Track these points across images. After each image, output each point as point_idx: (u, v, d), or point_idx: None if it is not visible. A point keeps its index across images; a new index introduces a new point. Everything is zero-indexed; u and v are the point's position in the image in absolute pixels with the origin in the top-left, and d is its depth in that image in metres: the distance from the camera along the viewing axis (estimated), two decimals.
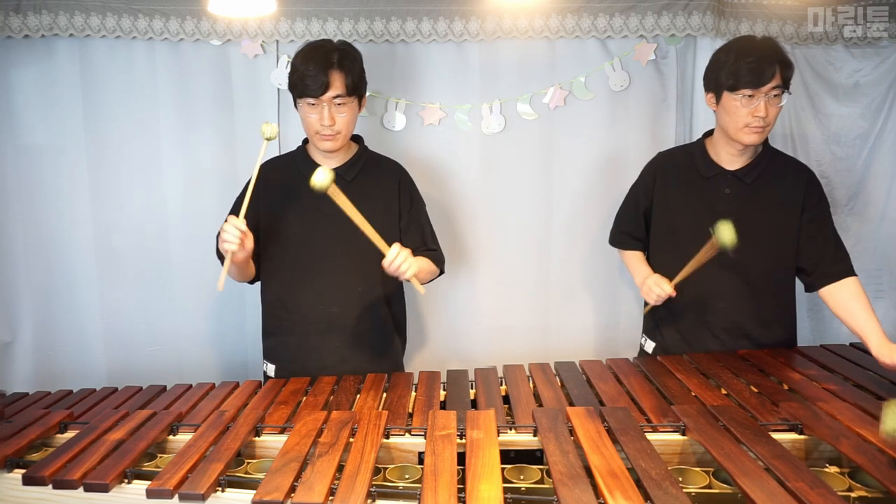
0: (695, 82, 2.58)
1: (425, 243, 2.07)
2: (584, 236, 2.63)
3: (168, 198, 2.56)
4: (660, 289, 1.96)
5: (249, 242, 1.82)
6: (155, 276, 2.60)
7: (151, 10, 2.40)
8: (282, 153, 2.22)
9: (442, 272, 2.12)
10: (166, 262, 2.60)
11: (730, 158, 1.99)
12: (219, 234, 1.82)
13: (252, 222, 1.99)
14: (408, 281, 1.88)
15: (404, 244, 1.99)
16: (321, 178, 1.70)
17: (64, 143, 2.51)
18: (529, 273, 2.67)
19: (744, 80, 1.83)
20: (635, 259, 2.18)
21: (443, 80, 2.54)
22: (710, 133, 2.07)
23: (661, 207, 2.08)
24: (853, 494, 1.28)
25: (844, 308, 1.92)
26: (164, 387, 1.93)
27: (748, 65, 1.83)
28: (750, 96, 1.84)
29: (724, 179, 1.99)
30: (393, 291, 2.09)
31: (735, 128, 1.89)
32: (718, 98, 1.92)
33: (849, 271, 1.95)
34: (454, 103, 2.55)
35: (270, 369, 2.07)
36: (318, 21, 2.45)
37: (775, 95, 1.85)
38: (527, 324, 2.70)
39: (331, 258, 1.99)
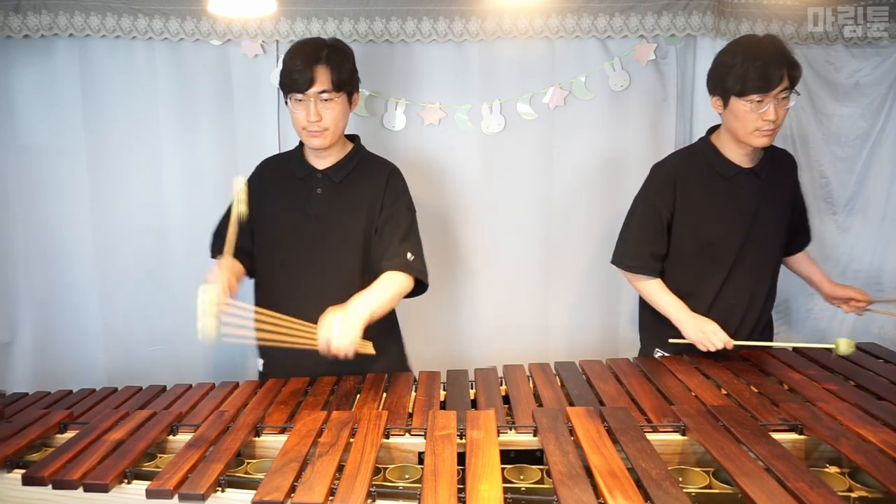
0: (695, 82, 2.58)
1: (399, 245, 1.91)
2: (584, 236, 2.63)
3: (168, 197, 2.56)
4: (719, 340, 1.88)
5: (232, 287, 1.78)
6: (155, 275, 2.60)
7: (151, 10, 2.40)
8: (281, 152, 2.22)
9: (423, 284, 1.95)
10: (166, 261, 2.59)
11: (742, 158, 1.98)
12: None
13: (247, 220, 1.94)
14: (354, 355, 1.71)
15: (376, 245, 1.94)
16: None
17: (64, 143, 2.51)
18: (529, 273, 2.67)
19: (752, 85, 1.81)
20: (663, 290, 2.01)
21: (443, 80, 2.54)
22: (712, 130, 2.04)
23: (685, 216, 1.99)
24: (853, 494, 1.28)
25: (800, 266, 2.26)
26: (164, 387, 1.93)
27: (756, 69, 1.80)
28: (758, 101, 1.82)
29: (744, 178, 1.98)
30: None
31: (745, 132, 1.88)
32: (725, 102, 1.89)
33: (808, 240, 2.22)
34: (454, 103, 2.55)
35: (260, 364, 2.08)
36: (318, 21, 2.45)
37: (783, 97, 1.84)
38: (527, 324, 2.70)
39: (313, 263, 1.97)
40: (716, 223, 2.00)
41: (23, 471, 1.37)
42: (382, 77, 2.52)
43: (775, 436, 1.42)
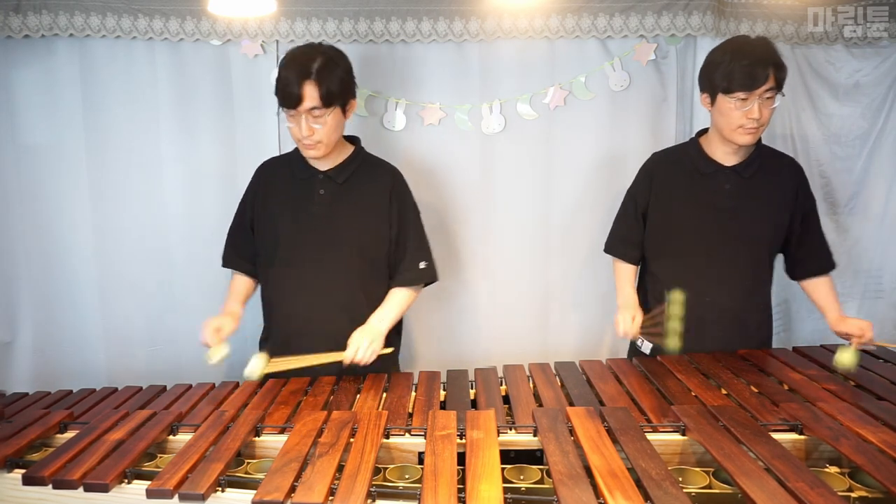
0: (695, 82, 2.55)
1: (411, 258, 2.04)
2: (584, 236, 2.63)
3: (168, 197, 2.56)
4: (625, 326, 1.99)
5: (227, 328, 1.98)
6: (155, 275, 2.60)
7: (151, 10, 2.40)
8: (282, 153, 2.22)
9: (432, 280, 2.11)
10: (166, 261, 2.59)
11: (726, 156, 2.01)
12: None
13: (248, 222, 2.08)
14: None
15: (392, 256, 2.04)
16: (252, 370, 1.79)
17: (64, 143, 2.51)
18: (529, 272, 2.67)
19: (737, 83, 1.85)
20: (625, 277, 2.15)
21: (443, 80, 2.54)
22: (703, 132, 2.09)
23: (659, 206, 2.08)
24: (853, 494, 1.28)
25: (814, 291, 2.11)
26: (164, 387, 1.93)
27: (742, 68, 1.85)
28: (744, 99, 1.87)
29: (723, 175, 2.01)
30: (379, 298, 2.04)
31: (729, 129, 1.92)
32: (713, 99, 1.94)
33: (829, 267, 2.09)
34: (454, 103, 2.54)
35: None
36: (318, 21, 2.45)
37: (769, 97, 1.88)
38: (527, 324, 2.69)
39: (314, 262, 1.99)
40: (688, 217, 2.04)
41: (23, 471, 1.38)
42: (382, 77, 2.52)
43: (775, 436, 1.42)
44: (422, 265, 2.05)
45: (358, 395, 1.80)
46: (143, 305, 2.61)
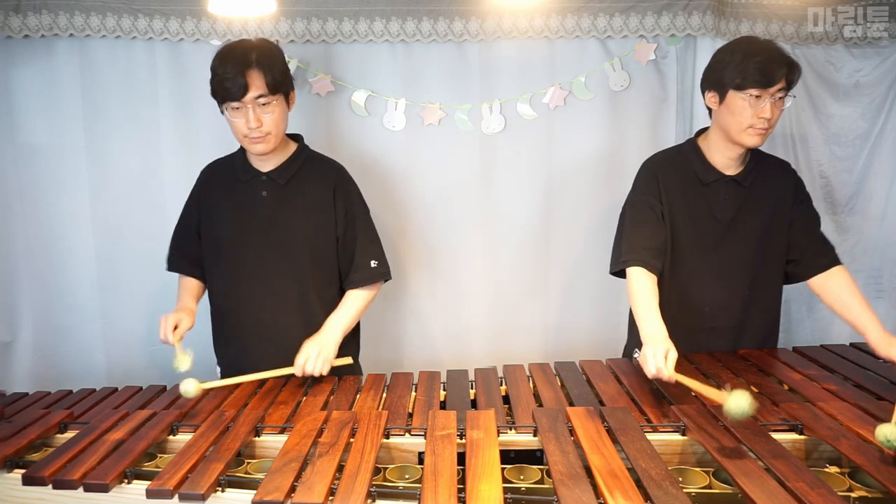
0: (695, 82, 2.57)
1: (361, 257, 1.99)
2: (585, 236, 2.63)
3: (168, 198, 2.56)
4: (658, 364, 1.60)
5: (185, 325, 1.93)
6: (155, 275, 2.59)
7: (151, 10, 2.40)
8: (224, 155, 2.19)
9: (386, 278, 2.05)
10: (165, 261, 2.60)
11: (727, 163, 1.94)
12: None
13: (193, 226, 2.06)
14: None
15: (341, 256, 2.00)
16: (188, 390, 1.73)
17: (64, 143, 2.51)
18: (529, 273, 2.67)
19: (752, 79, 1.79)
20: (648, 299, 1.80)
21: (443, 80, 2.54)
22: (701, 132, 2.02)
23: (665, 212, 1.97)
24: (853, 494, 1.28)
25: (838, 299, 1.90)
26: (164, 387, 1.93)
27: (757, 64, 1.79)
28: (757, 97, 1.80)
29: (723, 186, 1.95)
30: (331, 297, 2.02)
31: (738, 128, 1.85)
32: (722, 97, 1.87)
33: (836, 260, 1.95)
34: (454, 103, 2.55)
35: (218, 371, 2.09)
36: (318, 21, 2.45)
37: (780, 98, 1.83)
38: (526, 324, 2.70)
39: (263, 263, 1.97)
40: (688, 227, 1.96)
41: (23, 471, 1.37)
42: (382, 77, 2.52)
43: (775, 436, 1.42)
44: (373, 263, 2.00)
45: (358, 395, 1.79)
46: (143, 305, 2.61)
